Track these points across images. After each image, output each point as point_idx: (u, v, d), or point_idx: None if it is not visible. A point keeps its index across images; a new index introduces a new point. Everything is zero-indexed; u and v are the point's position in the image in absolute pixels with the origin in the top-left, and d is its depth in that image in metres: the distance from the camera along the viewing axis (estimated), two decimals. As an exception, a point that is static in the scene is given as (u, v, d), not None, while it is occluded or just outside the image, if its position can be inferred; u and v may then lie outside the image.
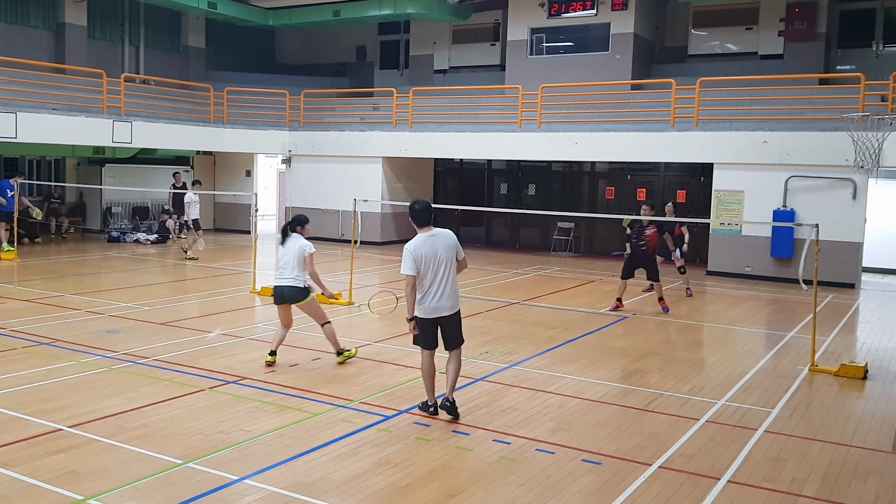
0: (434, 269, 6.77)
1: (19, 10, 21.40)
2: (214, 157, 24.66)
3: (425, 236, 6.82)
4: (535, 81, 20.64)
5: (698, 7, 21.73)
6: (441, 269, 6.78)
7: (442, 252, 6.79)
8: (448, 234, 6.91)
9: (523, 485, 5.60)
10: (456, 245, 6.92)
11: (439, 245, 6.81)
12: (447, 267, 6.80)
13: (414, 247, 6.78)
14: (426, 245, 6.78)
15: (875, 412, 7.65)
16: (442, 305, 6.83)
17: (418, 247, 6.77)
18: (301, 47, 28.86)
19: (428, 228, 6.87)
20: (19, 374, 8.02)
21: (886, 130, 14.30)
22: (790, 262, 16.11)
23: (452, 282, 6.86)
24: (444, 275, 6.79)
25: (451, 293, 6.86)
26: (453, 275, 6.86)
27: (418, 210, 6.87)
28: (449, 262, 6.81)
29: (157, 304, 12.18)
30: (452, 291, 6.87)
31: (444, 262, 6.79)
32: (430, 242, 6.79)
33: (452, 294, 6.87)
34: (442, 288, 6.80)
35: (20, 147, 18.70)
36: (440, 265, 6.78)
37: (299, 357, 9.05)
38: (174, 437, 6.33)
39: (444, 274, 6.79)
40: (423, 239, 6.81)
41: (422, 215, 6.88)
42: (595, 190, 21.43)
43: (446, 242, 6.85)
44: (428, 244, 6.79)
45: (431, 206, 6.95)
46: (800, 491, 5.64)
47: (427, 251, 6.76)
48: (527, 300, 13.53)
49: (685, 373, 8.94)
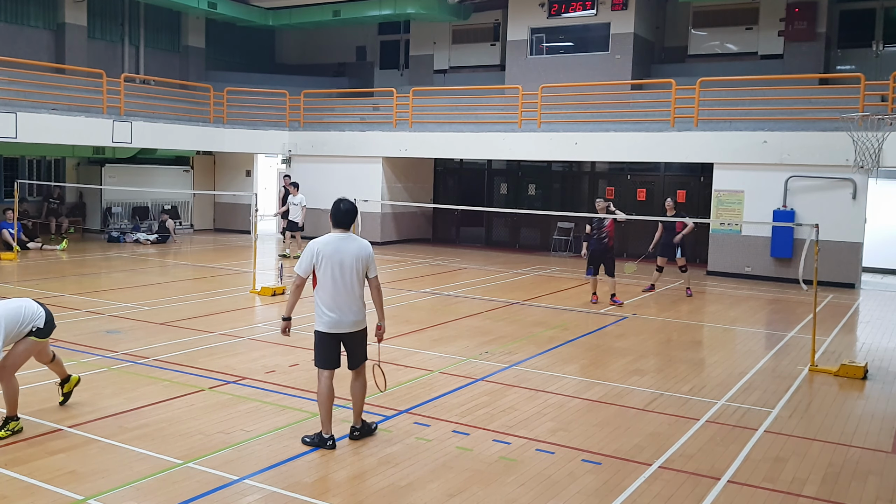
0: (333, 275, 6.03)
1: (19, 10, 21.40)
2: (214, 157, 24.66)
3: (335, 237, 6.11)
4: (535, 81, 20.64)
5: (698, 7, 21.73)
6: (345, 277, 6.04)
7: (348, 259, 6.05)
8: (362, 245, 6.16)
9: (523, 485, 5.60)
10: (368, 259, 6.15)
11: (348, 250, 6.07)
12: (351, 277, 6.05)
13: (317, 245, 6.06)
14: (331, 247, 6.05)
15: (875, 412, 7.66)
16: (344, 320, 6.09)
17: (322, 247, 6.05)
18: (301, 47, 28.86)
19: (342, 231, 6.15)
20: (19, 374, 8.00)
21: (886, 130, 14.29)
22: (790, 262, 16.11)
23: (357, 295, 6.11)
24: (346, 285, 6.05)
25: (358, 309, 6.13)
26: (358, 288, 6.11)
27: (342, 210, 6.13)
28: (353, 273, 6.06)
29: (157, 304, 12.17)
30: (357, 306, 6.13)
31: (349, 272, 6.05)
32: (337, 245, 6.07)
33: (357, 308, 6.13)
34: (344, 300, 6.05)
35: (20, 147, 18.70)
36: (343, 273, 6.04)
37: (299, 357, 9.05)
38: (174, 437, 6.33)
39: (347, 284, 6.05)
40: (331, 239, 6.09)
41: (342, 217, 6.15)
42: (595, 190, 21.40)
43: (357, 252, 6.09)
44: (334, 246, 6.05)
45: (355, 212, 6.24)
46: (800, 491, 5.64)
47: (331, 253, 6.03)
48: (527, 300, 13.53)
49: (685, 373, 8.94)
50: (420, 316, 11.85)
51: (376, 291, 6.27)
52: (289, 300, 6.22)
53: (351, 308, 6.10)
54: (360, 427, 6.40)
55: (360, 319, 6.19)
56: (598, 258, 13.16)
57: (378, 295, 6.28)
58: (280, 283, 13.42)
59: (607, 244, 13.03)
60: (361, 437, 6.38)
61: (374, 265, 6.22)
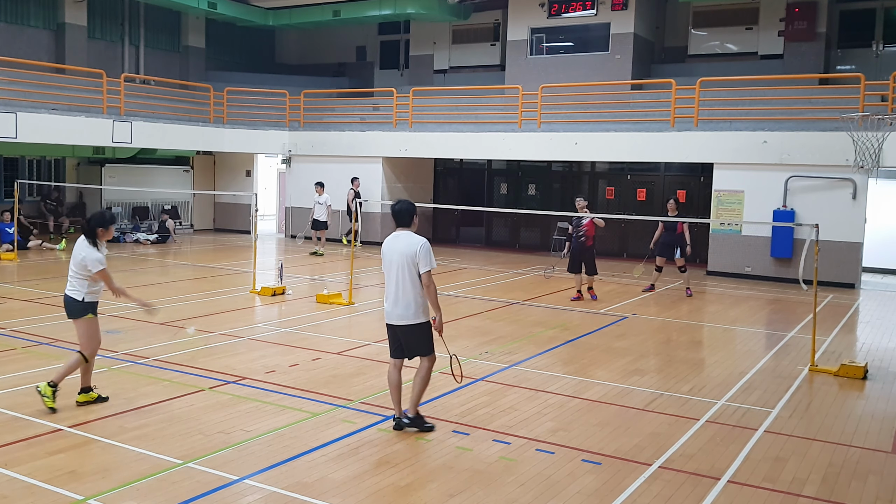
0: (386, 271, 6.55)
1: (19, 10, 21.40)
2: (214, 157, 24.66)
3: (391, 235, 6.64)
4: (535, 81, 20.64)
5: (698, 7, 21.73)
6: (393, 272, 6.46)
7: (396, 256, 6.44)
8: (412, 241, 6.42)
9: (523, 485, 5.60)
10: (415, 255, 6.37)
11: (396, 248, 6.48)
12: (399, 272, 6.41)
13: (383, 243, 6.68)
14: (387, 245, 6.59)
15: (875, 412, 7.66)
16: (390, 311, 6.51)
17: (384, 244, 6.66)
18: (301, 47, 28.87)
19: (402, 229, 6.57)
20: (19, 374, 8.03)
21: (886, 130, 14.29)
22: (790, 262, 16.11)
23: (405, 290, 6.41)
24: (396, 279, 6.44)
25: (403, 302, 6.42)
26: (406, 283, 6.40)
27: (394, 210, 6.63)
28: (402, 269, 6.40)
29: (157, 304, 12.13)
30: (406, 302, 6.42)
31: (397, 267, 6.42)
32: (391, 243, 6.56)
33: (406, 305, 6.42)
34: (393, 293, 6.46)
35: (20, 147, 18.71)
36: (390, 269, 6.49)
37: (299, 357, 9.05)
38: (174, 437, 6.33)
39: (396, 278, 6.44)
40: (388, 238, 6.66)
41: (395, 216, 6.64)
42: (595, 190, 21.42)
43: (404, 249, 6.41)
44: (388, 244, 6.57)
45: (407, 210, 6.55)
46: (800, 491, 5.64)
47: (385, 251, 6.57)
48: (527, 300, 13.53)
49: (685, 373, 8.94)
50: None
51: (426, 287, 6.43)
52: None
53: (398, 302, 6.44)
54: (412, 417, 6.62)
55: (406, 314, 6.43)
56: (578, 256, 13.42)
57: (428, 290, 6.43)
58: (280, 284, 13.42)
59: (585, 243, 13.32)
60: (410, 426, 6.60)
61: (425, 261, 6.38)
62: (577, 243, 13.37)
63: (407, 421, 6.60)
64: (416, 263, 6.37)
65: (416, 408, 6.65)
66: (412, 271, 6.38)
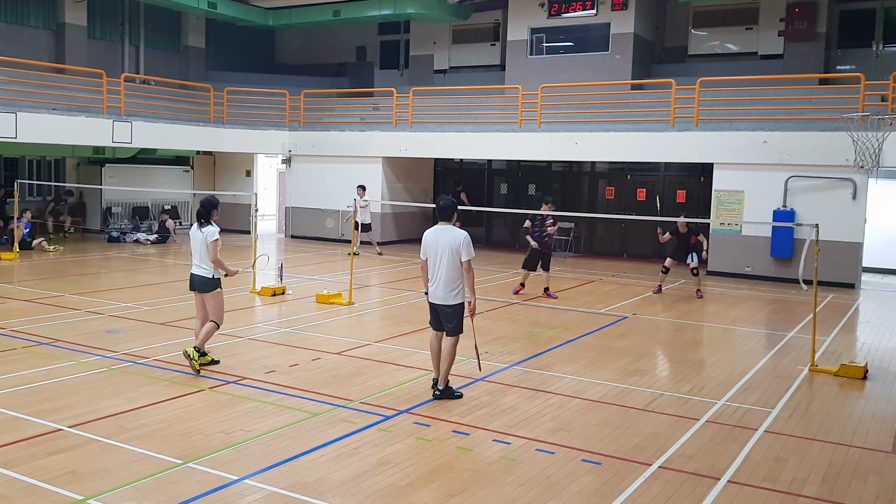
0: (433, 258, 7.43)
1: (19, 10, 21.40)
2: (214, 157, 24.66)
3: (436, 228, 7.50)
4: (535, 81, 20.64)
5: (698, 7, 21.73)
6: (438, 260, 7.37)
7: (441, 247, 7.35)
8: (456, 235, 7.34)
9: (523, 485, 5.60)
10: (459, 247, 7.31)
11: (440, 240, 7.38)
12: (443, 261, 7.34)
13: (425, 235, 7.55)
14: (431, 236, 7.48)
15: (875, 412, 7.65)
16: (436, 294, 7.44)
17: (427, 235, 7.53)
18: (301, 47, 28.86)
19: (444, 223, 7.47)
20: (19, 374, 8.03)
21: (886, 130, 14.29)
22: (790, 262, 16.11)
23: (447, 276, 7.34)
24: (440, 266, 7.36)
25: (446, 286, 7.36)
26: (448, 270, 7.33)
27: (439, 206, 7.55)
28: (445, 258, 7.32)
29: (157, 304, 12.18)
30: (447, 285, 7.36)
31: (442, 256, 7.34)
32: (435, 235, 7.45)
33: (447, 287, 7.36)
34: (437, 278, 7.40)
35: (20, 147, 18.70)
36: (437, 257, 7.38)
37: (299, 357, 9.05)
38: (174, 437, 6.33)
39: (440, 266, 7.36)
40: (432, 230, 7.53)
41: (439, 212, 7.54)
42: (595, 190, 21.42)
43: (449, 241, 7.33)
44: (432, 236, 7.47)
45: (451, 206, 7.53)
46: (800, 491, 5.64)
47: (430, 242, 7.47)
48: (527, 300, 13.53)
49: (685, 373, 8.94)
50: (420, 316, 11.82)
51: (466, 273, 7.35)
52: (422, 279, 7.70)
53: (440, 285, 7.39)
54: (443, 388, 7.55)
55: (446, 296, 7.38)
56: (537, 255, 13.81)
57: (467, 276, 7.36)
58: (280, 283, 13.42)
59: (546, 242, 13.81)
60: (442, 397, 7.51)
61: (466, 251, 7.30)
62: (540, 242, 13.76)
63: (439, 392, 7.52)
64: (458, 253, 7.29)
65: (446, 380, 7.57)
66: (455, 260, 7.31)
